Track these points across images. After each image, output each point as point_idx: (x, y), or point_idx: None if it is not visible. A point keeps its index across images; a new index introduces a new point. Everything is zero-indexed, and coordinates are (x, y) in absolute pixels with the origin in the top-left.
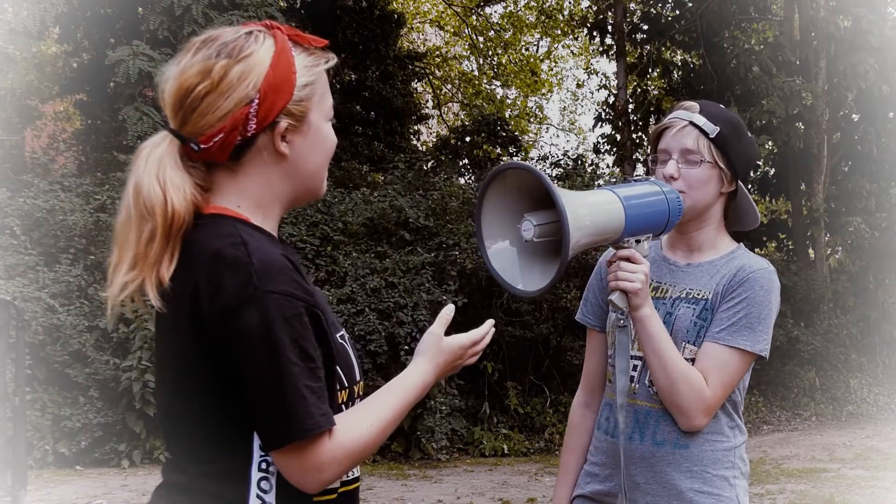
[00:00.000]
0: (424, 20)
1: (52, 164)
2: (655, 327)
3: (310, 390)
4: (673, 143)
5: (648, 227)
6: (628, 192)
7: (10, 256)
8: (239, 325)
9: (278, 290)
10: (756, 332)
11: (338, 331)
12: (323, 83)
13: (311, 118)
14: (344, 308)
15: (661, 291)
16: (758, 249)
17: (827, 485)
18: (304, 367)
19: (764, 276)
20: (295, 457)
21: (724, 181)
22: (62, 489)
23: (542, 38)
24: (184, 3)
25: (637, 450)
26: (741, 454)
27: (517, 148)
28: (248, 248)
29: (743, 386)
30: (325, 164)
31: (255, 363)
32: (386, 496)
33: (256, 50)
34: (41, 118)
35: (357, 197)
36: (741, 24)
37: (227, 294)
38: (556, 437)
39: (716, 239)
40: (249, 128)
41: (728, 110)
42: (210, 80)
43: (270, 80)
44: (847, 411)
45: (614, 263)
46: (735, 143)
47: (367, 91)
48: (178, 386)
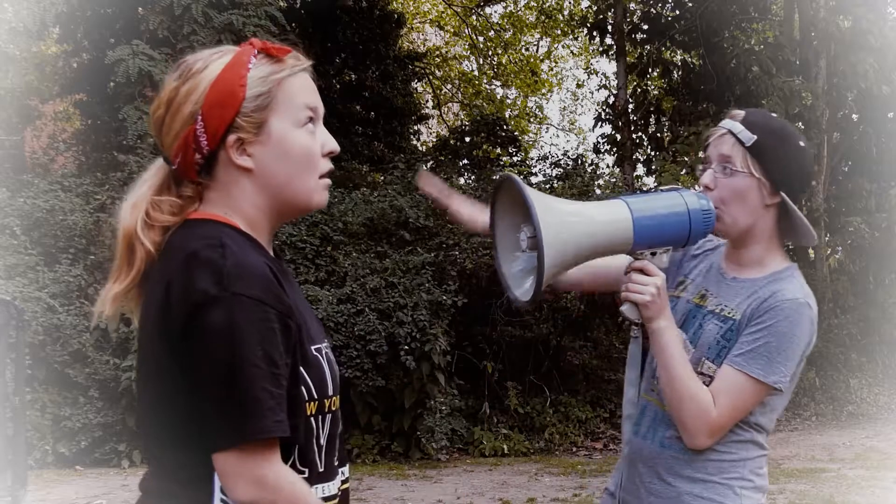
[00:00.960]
0: (424, 20)
1: (52, 164)
2: (668, 341)
3: (268, 394)
4: (713, 150)
5: (664, 240)
6: (643, 204)
7: (10, 256)
8: (203, 322)
9: (248, 294)
10: (773, 363)
11: (316, 343)
12: (289, 91)
13: (272, 127)
14: (344, 308)
15: (704, 299)
16: None
17: (827, 485)
18: (265, 370)
19: (792, 308)
20: (237, 461)
21: (765, 193)
22: (62, 489)
23: (542, 38)
24: (183, 3)
25: (646, 449)
26: (754, 468)
27: (517, 148)
28: (224, 250)
29: (768, 411)
30: (301, 171)
31: (213, 361)
32: (386, 496)
33: (206, 68)
34: (41, 118)
35: (357, 197)
36: (741, 24)
37: (196, 292)
38: (556, 437)
39: (765, 256)
40: (202, 144)
41: (777, 119)
42: (163, 104)
43: (212, 96)
44: (847, 411)
45: (627, 275)
46: (775, 152)
47: (367, 91)
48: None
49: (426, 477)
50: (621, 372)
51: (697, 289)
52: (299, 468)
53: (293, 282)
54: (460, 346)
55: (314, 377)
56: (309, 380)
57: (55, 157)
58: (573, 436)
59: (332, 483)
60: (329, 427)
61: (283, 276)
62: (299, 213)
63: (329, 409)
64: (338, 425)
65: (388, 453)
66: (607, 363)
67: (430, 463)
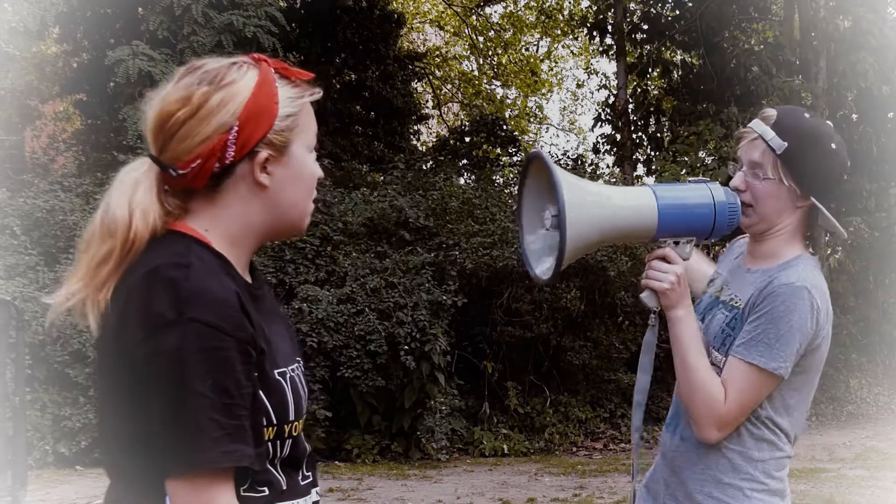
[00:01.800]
0: (424, 20)
1: (52, 164)
2: (684, 331)
3: (216, 424)
4: (744, 154)
5: (688, 230)
6: (670, 192)
7: (10, 256)
8: (155, 347)
9: (203, 320)
10: (773, 350)
11: (281, 367)
12: (307, 115)
13: (293, 149)
14: (344, 308)
15: (723, 292)
16: None
17: (827, 485)
18: (215, 400)
19: (788, 292)
20: (185, 489)
21: (795, 197)
22: (62, 489)
23: (542, 38)
24: (183, 3)
25: (669, 443)
26: (768, 469)
27: (517, 148)
28: (189, 270)
29: (782, 408)
30: (306, 196)
31: (162, 387)
32: (386, 496)
33: (239, 79)
34: (41, 118)
35: (357, 197)
36: (741, 25)
37: (152, 315)
38: (556, 436)
39: (781, 248)
40: (228, 155)
41: (810, 119)
42: (190, 106)
43: (251, 109)
44: (847, 411)
45: (650, 262)
46: (807, 157)
47: (367, 91)
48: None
49: (426, 477)
50: (621, 372)
51: (722, 282)
52: (257, 488)
53: (268, 303)
54: (460, 346)
55: (274, 402)
56: (269, 405)
57: (55, 157)
58: (573, 436)
59: (301, 501)
60: (290, 450)
61: (255, 300)
62: (288, 236)
63: (290, 434)
64: (301, 449)
65: (388, 453)
66: (607, 363)
67: (430, 463)
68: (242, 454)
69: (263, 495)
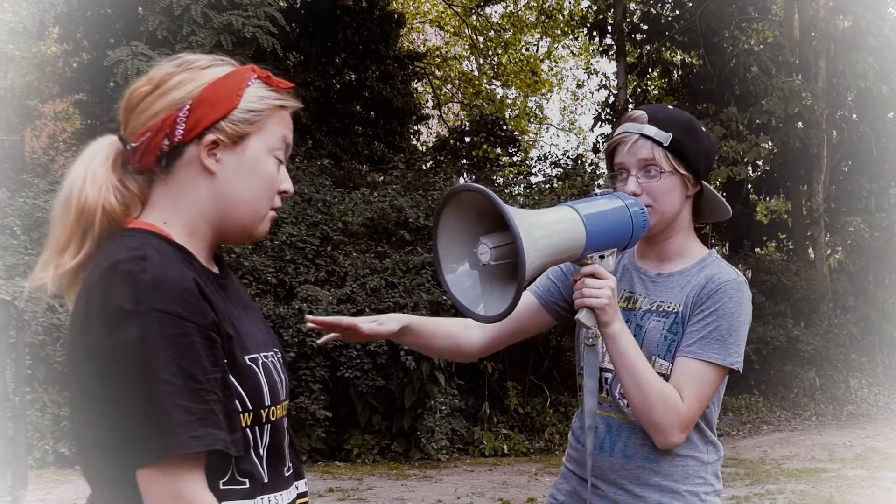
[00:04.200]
0: (424, 20)
1: (52, 164)
2: (626, 343)
3: (183, 410)
4: (629, 158)
5: (612, 242)
6: (589, 208)
7: (10, 256)
8: (117, 338)
9: (162, 309)
10: (727, 345)
11: (252, 353)
12: (276, 121)
13: (250, 143)
14: (344, 308)
15: (633, 302)
16: (758, 249)
17: (827, 485)
18: (181, 386)
19: (733, 288)
20: (155, 478)
21: (689, 185)
22: (62, 489)
23: (542, 38)
24: (183, 3)
25: (606, 462)
26: (715, 471)
27: (517, 148)
28: (145, 262)
29: (717, 400)
30: (260, 197)
31: (127, 378)
32: (386, 496)
33: (208, 66)
34: (41, 118)
35: (357, 197)
36: (741, 25)
37: (111, 307)
38: (556, 437)
39: (685, 246)
40: (177, 133)
41: (676, 110)
42: (151, 84)
43: (209, 92)
44: (847, 411)
45: (579, 281)
46: (690, 144)
47: (367, 91)
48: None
49: (426, 477)
50: None
51: (619, 293)
52: (238, 479)
53: (238, 294)
54: None
55: (248, 388)
56: (242, 391)
57: (55, 157)
58: None
59: (284, 493)
60: (269, 437)
61: (222, 290)
62: (238, 238)
63: (268, 419)
64: (282, 435)
65: (388, 453)
66: None
67: (430, 463)
68: (214, 438)
69: (244, 488)
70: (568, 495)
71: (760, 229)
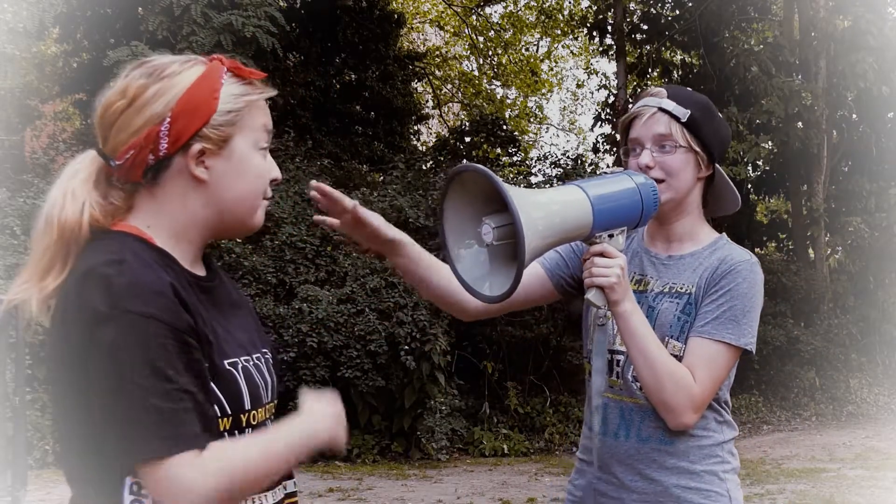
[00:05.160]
0: (424, 20)
1: (52, 164)
2: (638, 323)
3: (156, 411)
4: (644, 131)
5: (621, 221)
6: (597, 187)
7: (10, 256)
8: (93, 341)
9: (137, 311)
10: (741, 326)
11: (231, 357)
12: (254, 113)
13: (235, 144)
14: (344, 308)
15: (644, 284)
16: (758, 249)
17: (827, 485)
18: (154, 387)
19: (747, 268)
20: (150, 477)
21: (701, 165)
22: (62, 489)
23: (542, 38)
24: (183, 4)
25: (622, 447)
26: (730, 449)
27: (517, 148)
28: (121, 266)
29: (728, 382)
30: (253, 192)
31: (102, 383)
32: (386, 496)
33: (179, 72)
34: (41, 118)
35: (357, 197)
36: (741, 24)
37: (87, 310)
38: (556, 437)
39: (695, 229)
40: (161, 147)
41: (696, 92)
42: (126, 98)
43: (186, 102)
44: (847, 411)
45: (588, 261)
46: (707, 124)
47: (367, 91)
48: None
49: (426, 477)
50: None
51: (629, 276)
52: None
53: (225, 295)
54: (460, 346)
55: (227, 393)
56: (221, 396)
57: (55, 157)
58: (573, 436)
59: (269, 494)
60: None
61: (205, 292)
62: (238, 232)
63: (248, 423)
64: None
65: (388, 453)
66: None
67: (430, 463)
68: (190, 435)
69: None
70: (584, 490)
71: (760, 229)
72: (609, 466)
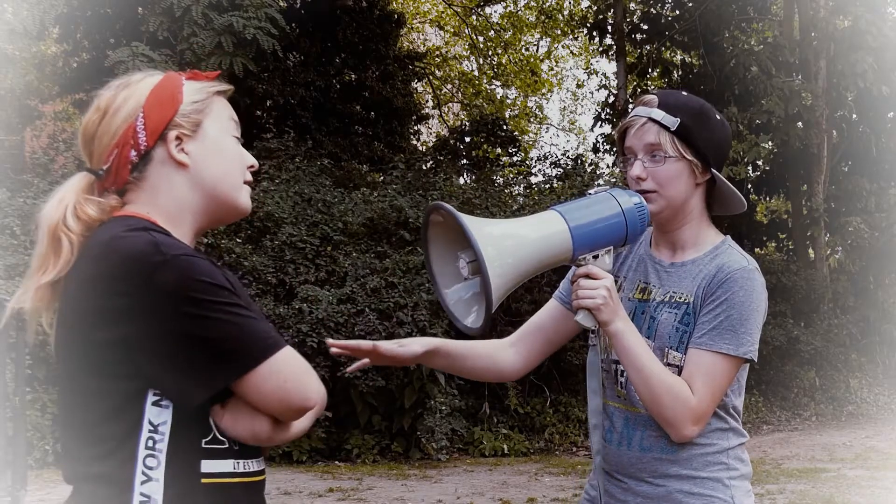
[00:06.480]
0: (424, 20)
1: (52, 164)
2: (630, 340)
3: (249, 319)
4: (636, 141)
5: (603, 242)
6: (576, 210)
7: (10, 256)
8: (156, 288)
9: (187, 253)
10: (739, 335)
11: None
12: (219, 104)
13: (206, 126)
14: (344, 308)
15: (647, 293)
16: (758, 249)
17: (827, 485)
18: (234, 301)
19: (743, 276)
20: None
21: (697, 172)
22: (62, 489)
23: (542, 38)
24: (183, 4)
25: (625, 455)
26: (738, 455)
27: (517, 148)
28: (147, 231)
29: (738, 389)
30: (231, 170)
31: (180, 322)
32: (386, 496)
33: (143, 79)
34: (41, 118)
35: (357, 197)
36: (741, 24)
37: (136, 264)
38: (556, 437)
39: (699, 235)
40: (141, 141)
41: (690, 96)
42: (100, 111)
43: (154, 97)
44: (847, 411)
45: (576, 283)
46: (700, 130)
47: (367, 91)
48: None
49: (426, 477)
50: None
51: (634, 285)
52: (219, 439)
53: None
54: None
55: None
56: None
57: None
58: (573, 436)
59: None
60: None
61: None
62: (228, 214)
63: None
64: None
65: (388, 453)
66: None
67: (430, 463)
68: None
69: (224, 448)
70: (598, 490)
71: (760, 229)
72: (615, 472)
